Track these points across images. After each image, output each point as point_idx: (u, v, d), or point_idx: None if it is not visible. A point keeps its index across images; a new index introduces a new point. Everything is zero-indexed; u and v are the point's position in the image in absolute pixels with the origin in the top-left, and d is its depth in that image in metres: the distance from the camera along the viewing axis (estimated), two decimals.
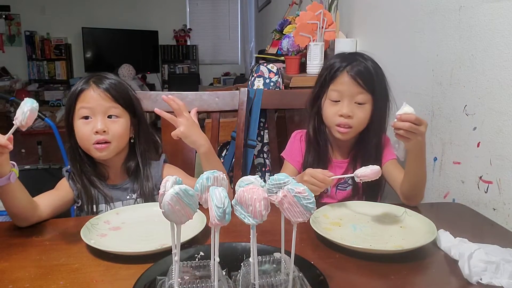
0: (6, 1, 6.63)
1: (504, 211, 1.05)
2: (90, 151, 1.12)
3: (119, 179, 1.20)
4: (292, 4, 3.04)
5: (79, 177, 1.14)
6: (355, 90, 1.16)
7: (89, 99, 1.11)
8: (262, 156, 1.81)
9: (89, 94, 1.11)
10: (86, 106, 1.10)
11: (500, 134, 1.06)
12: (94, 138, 1.10)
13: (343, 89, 1.17)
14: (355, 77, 1.16)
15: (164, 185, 0.61)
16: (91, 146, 1.11)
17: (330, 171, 1.22)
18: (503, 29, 1.04)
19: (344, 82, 1.17)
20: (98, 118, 1.10)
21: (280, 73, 1.99)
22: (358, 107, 1.18)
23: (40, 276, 0.77)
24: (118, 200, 1.17)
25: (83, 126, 1.11)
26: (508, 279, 0.72)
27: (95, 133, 1.09)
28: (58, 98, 6.80)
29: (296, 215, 0.59)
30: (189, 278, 0.66)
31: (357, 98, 1.17)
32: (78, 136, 1.12)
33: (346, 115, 1.17)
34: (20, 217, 0.99)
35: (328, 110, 1.21)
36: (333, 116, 1.19)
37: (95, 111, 1.11)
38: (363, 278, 0.77)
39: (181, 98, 1.46)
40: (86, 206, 1.14)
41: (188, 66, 7.22)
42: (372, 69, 1.18)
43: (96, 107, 1.10)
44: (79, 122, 1.11)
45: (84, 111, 1.11)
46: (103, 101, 1.11)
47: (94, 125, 1.10)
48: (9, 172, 0.92)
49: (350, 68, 1.17)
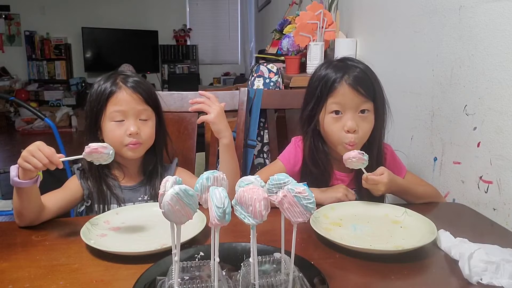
0: (6, 1, 6.63)
1: (504, 211, 1.05)
2: (121, 151, 1.13)
3: (133, 180, 1.21)
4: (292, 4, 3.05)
5: (93, 176, 1.14)
6: (357, 100, 1.10)
7: (122, 102, 1.12)
8: (262, 156, 1.81)
9: (122, 96, 1.12)
10: (119, 109, 1.12)
11: (500, 134, 1.06)
12: (127, 140, 1.12)
13: (344, 100, 1.10)
14: (355, 86, 1.09)
15: (164, 185, 0.61)
16: (123, 147, 1.13)
17: (333, 183, 1.21)
18: (503, 29, 1.04)
19: (345, 93, 1.10)
20: (131, 120, 1.12)
21: (280, 73, 1.99)
22: (362, 117, 1.11)
23: (40, 276, 0.77)
24: (129, 202, 1.17)
25: (116, 128, 1.12)
26: (508, 279, 0.72)
27: (128, 135, 1.11)
28: (58, 98, 6.81)
29: (296, 215, 0.59)
30: (189, 278, 0.66)
31: (361, 107, 1.10)
32: (108, 137, 1.13)
33: (352, 129, 1.10)
34: (26, 218, 0.98)
35: (331, 127, 1.13)
36: (339, 133, 1.12)
37: (127, 114, 1.12)
38: (363, 278, 0.77)
39: (181, 98, 1.47)
40: (97, 206, 1.14)
41: (188, 66, 7.23)
42: (367, 73, 1.12)
43: (129, 110, 1.12)
44: (111, 124, 1.12)
45: (117, 115, 1.12)
46: (136, 104, 1.13)
47: (127, 128, 1.12)
48: (36, 175, 0.94)
49: (347, 77, 1.10)
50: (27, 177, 0.93)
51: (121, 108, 1.12)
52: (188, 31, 7.29)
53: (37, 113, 2.83)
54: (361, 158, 1.04)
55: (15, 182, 0.93)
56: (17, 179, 0.93)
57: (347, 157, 1.05)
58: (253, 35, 6.39)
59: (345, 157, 1.06)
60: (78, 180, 1.15)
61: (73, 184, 1.15)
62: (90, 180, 1.14)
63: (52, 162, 0.90)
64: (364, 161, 1.05)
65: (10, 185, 0.96)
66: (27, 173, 0.92)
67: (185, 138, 1.45)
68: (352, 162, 1.05)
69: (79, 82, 6.95)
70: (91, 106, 1.15)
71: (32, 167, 0.89)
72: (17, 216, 0.99)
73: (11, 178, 0.93)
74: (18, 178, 0.93)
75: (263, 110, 1.65)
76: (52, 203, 1.05)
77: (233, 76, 7.30)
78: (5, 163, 4.34)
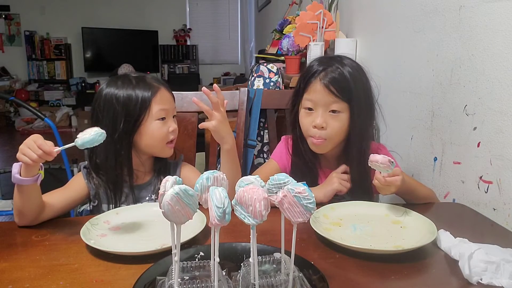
0: (6, 1, 6.63)
1: (504, 211, 1.05)
2: (162, 149, 1.18)
3: (144, 178, 1.21)
4: (292, 4, 3.05)
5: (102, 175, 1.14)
6: (328, 99, 1.12)
7: (165, 101, 1.18)
8: (262, 156, 1.81)
9: (165, 95, 1.18)
10: (163, 108, 1.16)
11: (500, 134, 1.06)
12: (170, 136, 1.18)
13: (316, 98, 1.13)
14: (328, 85, 1.11)
15: (164, 185, 0.61)
16: (165, 145, 1.18)
17: (322, 180, 1.22)
18: (503, 29, 1.04)
19: (317, 91, 1.13)
20: (171, 118, 1.20)
21: (280, 73, 1.99)
22: (333, 116, 1.13)
23: (40, 276, 0.77)
24: (138, 201, 1.17)
25: (160, 126, 1.16)
26: (508, 279, 0.72)
27: (171, 132, 1.18)
28: (58, 98, 6.81)
29: (296, 215, 0.59)
30: (189, 278, 0.66)
31: (332, 107, 1.12)
32: (154, 135, 1.16)
33: (320, 126, 1.12)
34: (27, 217, 0.98)
35: (303, 120, 1.17)
36: (308, 126, 1.15)
37: (169, 112, 1.18)
38: (363, 278, 0.77)
39: (181, 98, 1.47)
40: (106, 205, 1.14)
41: (188, 66, 7.23)
42: (348, 75, 1.12)
43: (170, 108, 1.19)
44: (155, 122, 1.15)
45: (162, 113, 1.16)
46: (173, 103, 1.21)
47: (169, 125, 1.18)
48: (37, 173, 0.94)
49: (323, 75, 1.12)
50: (29, 174, 0.93)
51: (165, 107, 1.17)
52: (188, 31, 7.29)
53: (37, 113, 2.83)
54: (389, 165, 0.99)
55: (16, 179, 0.93)
56: (19, 176, 0.93)
57: (374, 160, 0.99)
58: (253, 35, 6.39)
59: (372, 159, 1.00)
60: (84, 179, 1.14)
61: (78, 183, 1.15)
62: (99, 179, 1.14)
63: (45, 152, 0.89)
64: (390, 169, 1.00)
65: (10, 185, 0.97)
66: (28, 169, 0.92)
67: (185, 138, 1.45)
68: (379, 167, 1.00)
69: (79, 82, 6.95)
70: (127, 111, 1.12)
71: (28, 159, 0.89)
72: (17, 215, 0.99)
73: (13, 175, 0.93)
74: (19, 175, 0.93)
75: (263, 110, 1.65)
76: (55, 201, 1.05)
77: (233, 76, 7.30)
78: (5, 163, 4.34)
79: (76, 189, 1.14)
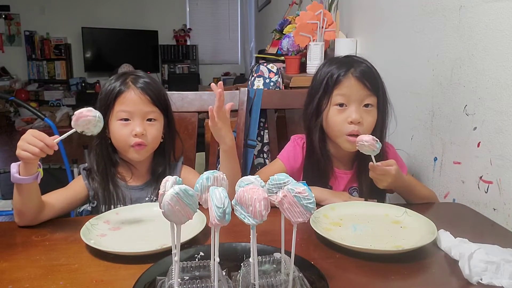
0: (6, 1, 6.63)
1: (504, 211, 1.05)
2: (127, 152, 1.14)
3: (141, 180, 1.21)
4: (292, 4, 3.05)
5: (99, 176, 1.14)
6: (362, 92, 1.11)
7: (129, 102, 1.11)
8: (262, 156, 1.81)
9: (129, 96, 1.12)
10: (126, 109, 1.11)
11: (500, 134, 1.06)
12: (132, 140, 1.11)
13: (350, 92, 1.11)
14: (361, 78, 1.10)
15: (164, 185, 0.61)
16: (129, 147, 1.13)
17: (333, 182, 1.21)
18: (503, 29, 1.04)
19: (351, 85, 1.11)
20: (137, 121, 1.12)
21: (280, 73, 1.99)
22: (366, 111, 1.12)
23: (40, 276, 0.76)
24: (136, 202, 1.16)
25: (121, 127, 1.12)
26: (508, 279, 0.72)
27: (134, 136, 1.11)
28: (58, 98, 6.81)
29: (296, 215, 0.59)
30: (189, 278, 0.66)
31: (365, 101, 1.11)
32: (115, 136, 1.13)
33: (356, 121, 1.10)
34: (26, 217, 0.98)
35: (334, 118, 1.13)
36: (342, 124, 1.12)
37: (134, 115, 1.12)
38: (363, 278, 0.77)
39: (181, 98, 1.47)
40: (104, 206, 1.14)
41: (188, 66, 7.23)
42: (373, 69, 1.15)
43: (135, 111, 1.12)
44: (117, 123, 1.12)
45: (123, 114, 1.12)
46: (143, 105, 1.12)
47: (133, 128, 1.11)
48: (36, 171, 0.94)
49: (353, 70, 1.11)
50: (28, 172, 0.93)
51: (127, 108, 1.12)
52: (188, 31, 7.29)
53: (37, 113, 2.83)
54: (374, 144, 0.99)
55: (15, 179, 0.93)
56: (18, 176, 0.93)
57: (360, 139, 1.01)
58: (253, 35, 6.39)
59: (358, 139, 1.01)
60: (84, 180, 1.15)
61: (78, 184, 1.15)
62: (96, 181, 1.14)
63: (46, 145, 0.90)
64: (376, 148, 1.00)
65: (10, 185, 0.96)
66: (27, 167, 0.92)
67: (185, 138, 1.45)
68: (363, 146, 1.01)
69: (79, 82, 6.95)
70: (100, 104, 1.14)
71: (30, 154, 0.89)
72: (17, 215, 0.99)
73: (12, 175, 0.93)
74: (18, 174, 0.93)
75: (263, 110, 1.65)
76: (55, 201, 1.05)
77: (233, 76, 7.29)
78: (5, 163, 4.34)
79: (76, 189, 1.14)
